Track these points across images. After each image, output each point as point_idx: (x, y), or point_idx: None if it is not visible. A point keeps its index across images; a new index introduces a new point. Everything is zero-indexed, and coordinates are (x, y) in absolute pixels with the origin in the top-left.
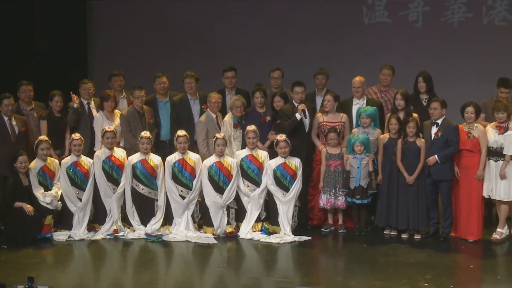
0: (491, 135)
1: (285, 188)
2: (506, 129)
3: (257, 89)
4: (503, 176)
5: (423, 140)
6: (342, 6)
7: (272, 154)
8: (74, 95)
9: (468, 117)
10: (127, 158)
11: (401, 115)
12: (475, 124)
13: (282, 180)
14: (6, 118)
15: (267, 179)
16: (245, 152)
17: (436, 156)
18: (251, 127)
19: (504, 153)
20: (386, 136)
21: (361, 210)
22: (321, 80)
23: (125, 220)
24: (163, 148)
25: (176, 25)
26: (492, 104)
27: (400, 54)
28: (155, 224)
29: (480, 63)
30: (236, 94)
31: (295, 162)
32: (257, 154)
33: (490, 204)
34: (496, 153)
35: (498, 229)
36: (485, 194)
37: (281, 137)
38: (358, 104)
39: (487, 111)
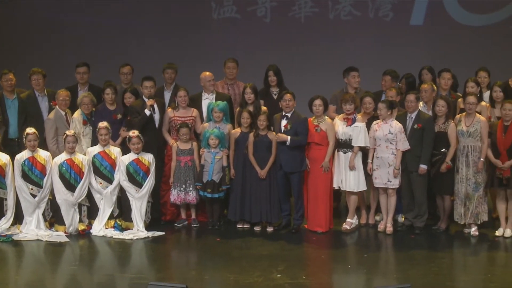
0: (340, 127)
1: (138, 184)
2: (354, 121)
3: (107, 86)
4: (352, 168)
5: (274, 133)
6: (191, 1)
7: (125, 151)
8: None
9: (316, 110)
10: None
11: (251, 108)
12: (324, 117)
13: (135, 176)
14: None
15: (120, 175)
16: (97, 149)
17: (288, 138)
18: (103, 124)
19: (352, 144)
20: (237, 130)
21: (214, 204)
22: (170, 74)
23: None
24: (11, 146)
25: (25, 21)
26: (341, 96)
27: (250, 48)
28: (4, 224)
29: (328, 56)
30: (89, 90)
31: (148, 158)
32: (109, 151)
33: (339, 195)
34: (345, 145)
35: (348, 220)
36: (335, 185)
37: (134, 133)
38: (207, 99)
39: (337, 102)
